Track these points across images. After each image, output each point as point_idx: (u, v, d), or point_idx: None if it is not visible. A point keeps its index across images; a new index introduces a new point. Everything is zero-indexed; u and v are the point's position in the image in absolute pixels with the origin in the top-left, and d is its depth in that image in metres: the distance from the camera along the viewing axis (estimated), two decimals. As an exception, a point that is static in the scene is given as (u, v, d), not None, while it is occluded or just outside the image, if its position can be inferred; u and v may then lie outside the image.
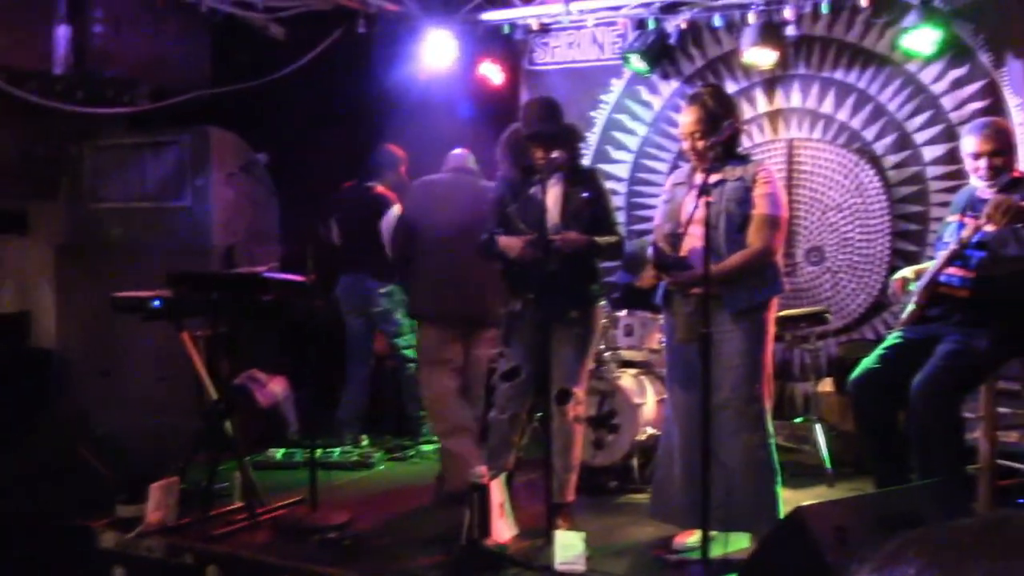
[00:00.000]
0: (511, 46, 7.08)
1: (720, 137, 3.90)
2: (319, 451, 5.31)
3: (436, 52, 6.68)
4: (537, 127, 4.39)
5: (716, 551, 3.85)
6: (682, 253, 3.96)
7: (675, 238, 3.98)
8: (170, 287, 4.76)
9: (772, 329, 4.12)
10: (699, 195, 3.65)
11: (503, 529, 4.16)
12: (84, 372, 6.76)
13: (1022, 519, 0.52)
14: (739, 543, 4.07)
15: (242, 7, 6.16)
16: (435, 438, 6.24)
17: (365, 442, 6.14)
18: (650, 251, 4.09)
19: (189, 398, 5.38)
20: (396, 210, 5.90)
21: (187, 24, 6.30)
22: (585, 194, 4.40)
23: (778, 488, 4.05)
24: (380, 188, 6.13)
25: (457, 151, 5.43)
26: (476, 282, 4.99)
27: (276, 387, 6.36)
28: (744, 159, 4.14)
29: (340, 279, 6.15)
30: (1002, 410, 4.47)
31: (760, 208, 3.97)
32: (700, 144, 4.01)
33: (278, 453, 5.93)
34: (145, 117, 6.52)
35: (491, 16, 6.82)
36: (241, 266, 6.23)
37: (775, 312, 4.16)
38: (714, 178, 3.95)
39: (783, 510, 3.97)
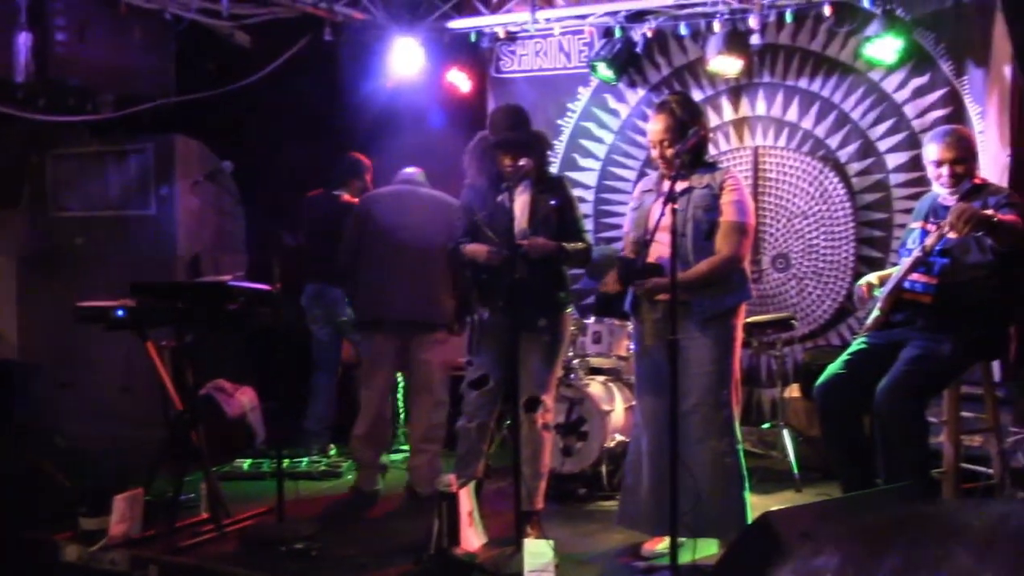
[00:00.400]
0: (478, 54, 7.09)
1: (686, 144, 3.92)
2: (286, 461, 5.27)
3: (403, 60, 6.67)
4: (504, 134, 4.39)
5: (684, 558, 3.86)
6: (650, 260, 3.97)
7: (643, 245, 3.98)
8: (134, 296, 4.70)
9: (740, 335, 4.14)
10: (666, 202, 3.66)
11: (472, 537, 4.15)
12: (47, 383, 6.67)
13: (933, 510, 0.52)
14: (708, 549, 4.09)
15: (207, 15, 6.12)
16: (403, 447, 6.24)
17: (333, 452, 6.10)
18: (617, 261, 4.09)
19: (154, 409, 5.31)
20: None
21: (151, 31, 6.24)
22: (553, 201, 4.40)
23: (746, 494, 4.06)
24: (346, 196, 6.10)
25: (409, 169, 5.52)
26: (419, 286, 5.11)
27: (243, 397, 6.33)
28: (711, 166, 4.16)
29: (306, 288, 6.11)
30: (966, 414, 4.51)
31: (728, 215, 3.99)
32: (668, 152, 4.03)
33: (245, 464, 5.87)
34: (108, 125, 6.45)
35: (458, 24, 6.82)
36: (207, 275, 6.19)
37: (743, 318, 4.19)
38: (681, 185, 3.96)
39: (751, 516, 3.98)
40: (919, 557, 0.48)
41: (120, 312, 4.64)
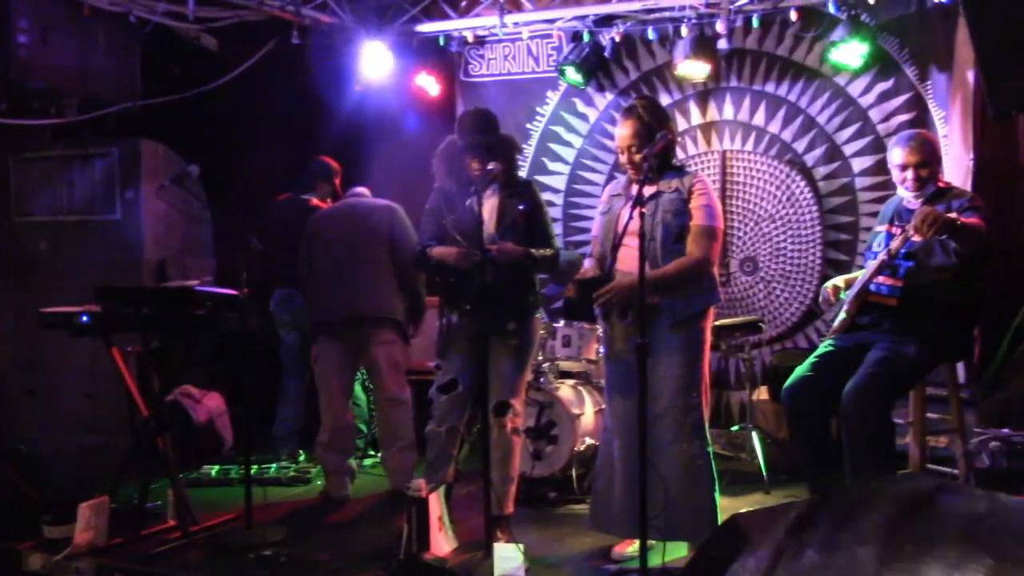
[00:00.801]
0: (447, 58, 7.09)
1: (654, 148, 3.92)
2: (255, 467, 5.23)
3: (372, 64, 6.65)
4: (473, 138, 4.38)
5: (654, 561, 3.86)
6: (619, 265, 3.97)
7: (612, 249, 3.98)
8: (99, 302, 4.65)
9: (709, 339, 4.16)
10: (634, 207, 3.67)
11: (442, 542, 4.14)
12: (11, 390, 6.58)
13: (848, 489, 0.53)
14: (678, 552, 4.10)
15: (173, 17, 6.07)
16: (373, 452, 6.22)
17: (302, 458, 6.06)
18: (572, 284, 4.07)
19: (120, 415, 5.26)
20: None
21: (116, 34, 6.17)
22: (521, 206, 4.39)
23: (716, 496, 4.08)
24: (315, 200, 6.08)
25: (358, 188, 5.78)
26: (359, 282, 5.24)
27: (211, 403, 6.27)
28: (680, 170, 4.17)
29: (274, 293, 6.07)
30: (931, 415, 4.56)
31: (697, 219, 4.01)
32: (636, 156, 4.04)
33: (213, 470, 5.83)
34: (73, 129, 6.38)
35: (426, 28, 6.81)
36: (173, 280, 6.12)
37: (711, 322, 4.21)
38: (650, 190, 3.99)
39: (721, 517, 4.00)
40: (837, 535, 0.49)
41: (85, 318, 4.58)
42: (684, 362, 4.02)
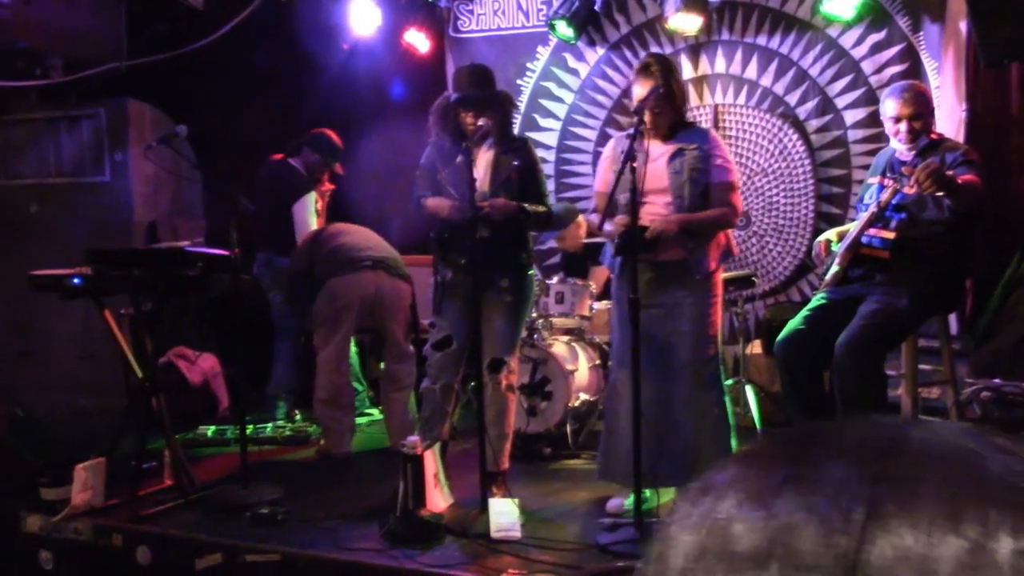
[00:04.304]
0: (436, 14, 7.01)
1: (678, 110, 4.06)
2: (250, 427, 5.25)
3: (360, 20, 6.58)
4: (467, 92, 4.35)
5: (648, 508, 3.92)
6: (643, 222, 4.00)
7: (634, 207, 4.00)
8: (90, 264, 4.63)
9: (721, 293, 4.23)
10: (668, 162, 3.88)
11: (438, 499, 4.16)
12: (4, 353, 6.58)
13: (814, 428, 0.52)
14: (667, 497, 4.16)
15: (158, -25, 5.99)
16: (370, 411, 6.24)
17: (298, 417, 6.08)
18: (616, 241, 4.06)
19: (114, 377, 5.26)
20: (311, 198, 5.89)
21: (100, -7, 6.10)
22: (516, 162, 4.38)
23: (733, 442, 4.16)
24: (301, 167, 6.04)
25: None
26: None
27: (205, 364, 6.28)
28: (691, 126, 4.23)
29: (256, 256, 6.02)
30: (923, 367, 4.58)
31: (721, 176, 4.10)
32: (656, 114, 4.03)
33: (209, 430, 5.84)
34: (58, 90, 6.32)
35: (415, -17, 6.73)
36: (164, 241, 6.10)
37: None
38: (670, 147, 4.07)
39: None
40: (799, 473, 0.48)
41: (76, 280, 4.57)
42: (703, 315, 4.11)
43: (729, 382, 6.07)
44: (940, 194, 3.82)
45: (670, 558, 0.49)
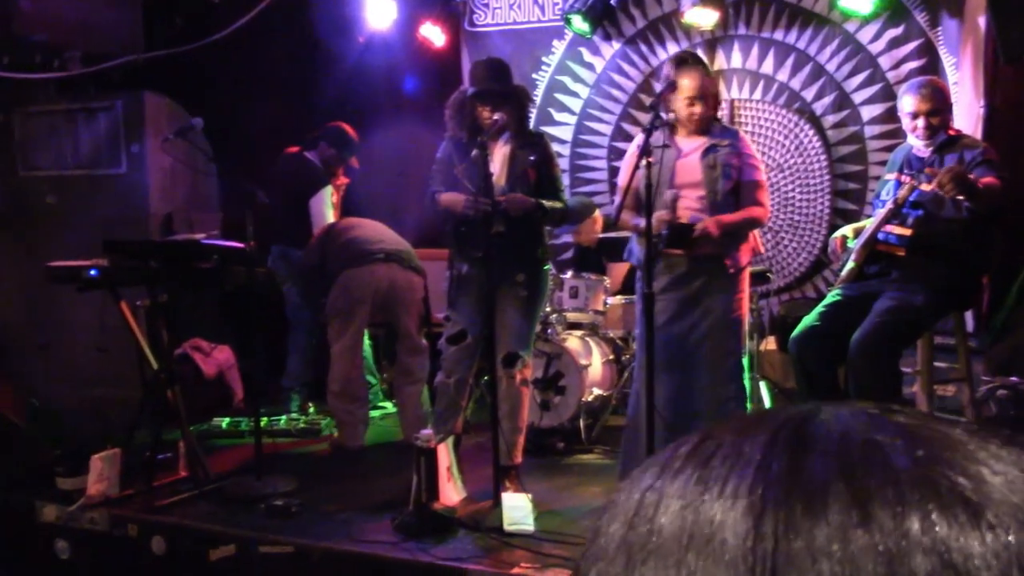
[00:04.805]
0: (451, 7, 7.00)
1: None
2: (265, 420, 5.27)
3: (376, 13, 6.58)
4: (484, 85, 4.35)
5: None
6: (678, 214, 4.07)
7: (673, 200, 4.04)
8: (107, 256, 4.65)
9: (748, 288, 4.29)
10: (702, 157, 3.98)
11: (451, 492, 4.17)
12: (22, 344, 6.62)
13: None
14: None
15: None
16: (384, 404, 6.26)
17: (312, 410, 6.10)
18: (663, 230, 4.06)
19: (130, 369, 5.29)
20: (327, 192, 5.90)
21: (117, -14, 6.12)
22: (532, 157, 4.38)
23: None
24: (317, 161, 6.05)
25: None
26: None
27: (220, 356, 6.30)
28: (720, 123, 4.28)
29: (271, 248, 6.03)
30: (939, 364, 4.56)
31: (752, 175, 4.16)
32: (699, 109, 4.06)
33: (223, 422, 5.87)
34: (76, 83, 6.34)
35: (431, -23, 6.73)
36: (180, 233, 6.12)
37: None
38: (702, 142, 4.12)
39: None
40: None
41: (93, 272, 4.60)
42: (731, 309, 4.15)
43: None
44: (960, 197, 3.80)
45: (600, 545, 0.49)
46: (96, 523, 4.30)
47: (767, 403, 5.42)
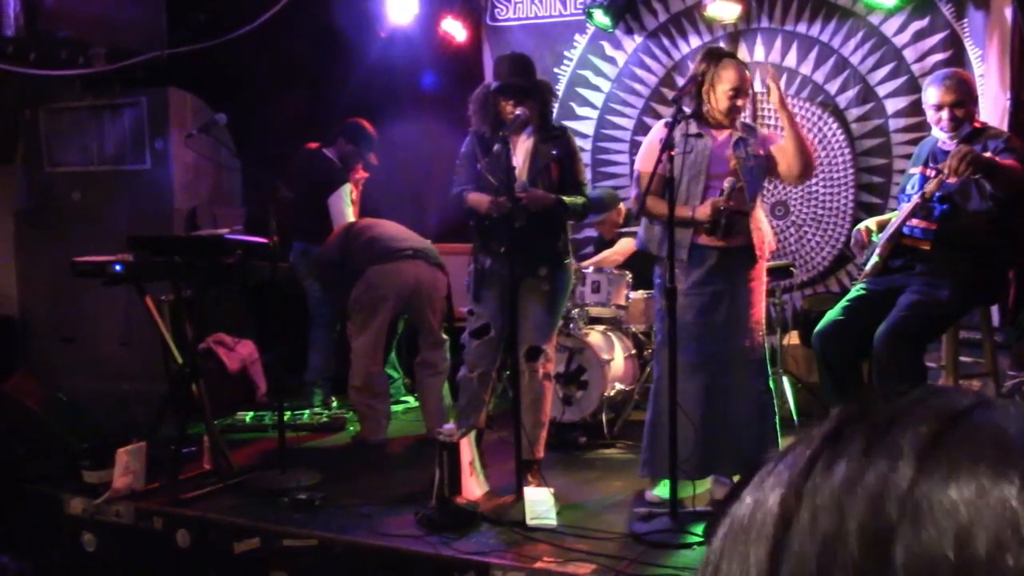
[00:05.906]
0: (472, 2, 7.00)
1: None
2: (288, 414, 5.30)
3: (397, 8, 6.59)
4: (507, 80, 4.35)
5: (684, 497, 3.92)
6: (705, 206, 4.06)
7: (732, 189, 4.04)
8: (131, 251, 4.69)
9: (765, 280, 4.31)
10: (734, 149, 4.02)
11: (473, 487, 4.18)
12: (47, 338, 6.68)
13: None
14: (703, 487, 4.17)
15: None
16: (406, 399, 6.28)
17: (335, 404, 6.12)
18: (723, 212, 4.08)
19: (155, 363, 5.33)
20: (346, 189, 5.91)
21: (141, -18, 6.16)
22: (555, 151, 4.37)
23: (779, 429, 4.19)
24: (335, 157, 6.06)
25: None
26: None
27: (243, 351, 6.34)
28: (745, 122, 4.29)
29: (293, 245, 6.04)
30: (964, 359, 4.53)
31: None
32: (740, 102, 4.10)
33: (247, 416, 5.90)
34: (100, 79, 6.39)
35: (452, -29, 6.72)
36: (204, 228, 6.16)
37: None
38: (733, 134, 4.13)
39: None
40: (870, 450, 0.49)
41: (118, 267, 4.63)
42: (757, 301, 4.15)
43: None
44: (978, 176, 3.77)
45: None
46: (122, 516, 4.34)
47: (790, 398, 5.39)
